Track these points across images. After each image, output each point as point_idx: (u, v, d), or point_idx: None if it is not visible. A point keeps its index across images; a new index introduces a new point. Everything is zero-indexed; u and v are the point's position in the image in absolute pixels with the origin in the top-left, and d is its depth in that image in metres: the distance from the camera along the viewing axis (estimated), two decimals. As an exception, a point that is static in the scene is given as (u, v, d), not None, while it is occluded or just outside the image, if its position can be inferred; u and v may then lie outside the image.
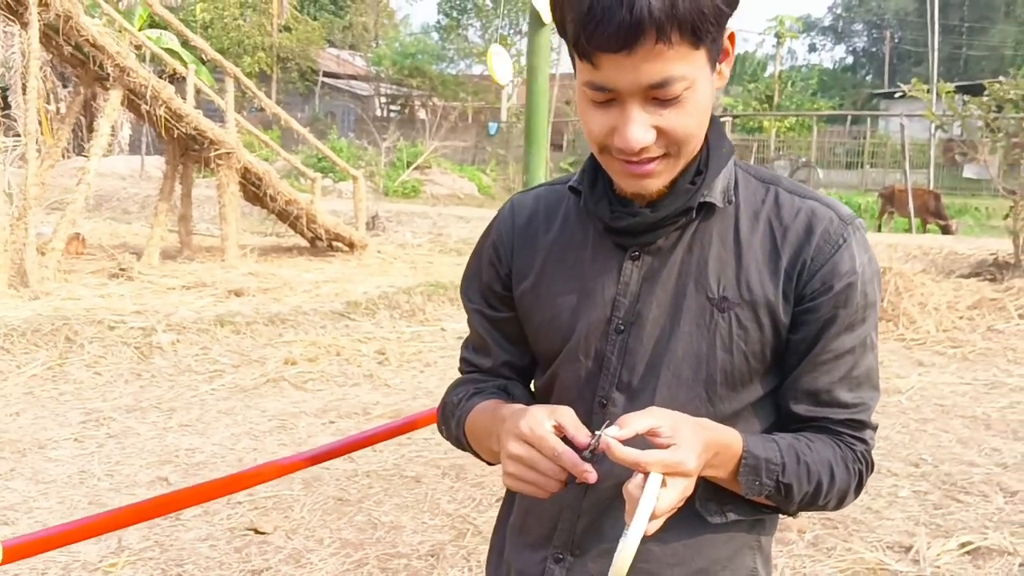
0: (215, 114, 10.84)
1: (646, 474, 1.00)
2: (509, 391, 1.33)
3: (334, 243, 11.41)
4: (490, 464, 1.34)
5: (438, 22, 32.44)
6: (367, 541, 3.75)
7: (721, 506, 1.18)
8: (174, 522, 3.83)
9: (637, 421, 1.03)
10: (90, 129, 16.44)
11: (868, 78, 49.74)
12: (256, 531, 3.80)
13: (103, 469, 4.42)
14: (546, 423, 1.07)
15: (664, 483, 1.01)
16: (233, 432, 5.02)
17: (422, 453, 4.80)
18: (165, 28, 19.73)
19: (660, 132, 1.07)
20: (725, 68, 1.13)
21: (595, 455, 1.05)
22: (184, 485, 4.26)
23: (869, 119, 27.07)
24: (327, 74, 31.20)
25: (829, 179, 23.07)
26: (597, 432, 1.06)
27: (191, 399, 5.56)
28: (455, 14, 32.03)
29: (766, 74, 39.75)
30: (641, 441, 1.03)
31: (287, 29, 29.02)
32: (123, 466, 4.48)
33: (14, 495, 4.09)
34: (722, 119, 25.47)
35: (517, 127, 26.49)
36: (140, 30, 19.64)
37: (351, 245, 11.32)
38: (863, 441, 1.22)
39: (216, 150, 9.72)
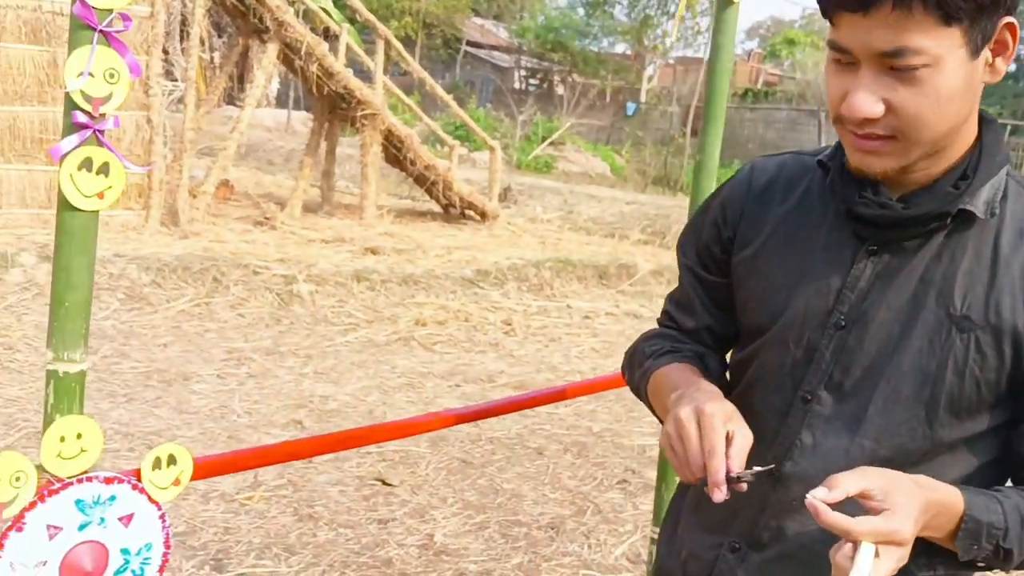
0: (362, 74, 11.08)
1: (856, 543, 0.92)
2: (705, 361, 1.28)
3: (466, 211, 11.52)
4: (660, 421, 1.27)
5: (583, -1, 32.24)
6: (488, 505, 3.79)
7: (930, 560, 1.10)
8: (307, 464, 3.96)
9: (848, 482, 0.95)
10: (241, 80, 17.11)
11: (1033, 85, 46.80)
12: (383, 482, 3.89)
13: (242, 406, 4.61)
14: (722, 426, 1.03)
15: (877, 553, 0.92)
16: (364, 384, 5.15)
17: (544, 426, 4.81)
18: (320, -12, 20.26)
19: (889, 108, 1.01)
20: (1000, 63, 1.04)
21: (738, 482, 1.02)
22: (317, 430, 4.40)
23: (1031, 129, 25.47)
24: (470, 43, 31.46)
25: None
26: (756, 467, 1.03)
27: (326, 348, 5.73)
28: (602, -9, 31.71)
29: None
30: (851, 503, 0.95)
31: (435, -5, 29.35)
32: (261, 405, 4.66)
33: (160, 422, 4.31)
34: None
35: (656, 109, 26.13)
36: (297, -12, 20.23)
37: (483, 215, 11.42)
38: None
39: (363, 110, 9.92)
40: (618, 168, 21.68)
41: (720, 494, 1.00)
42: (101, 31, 1.10)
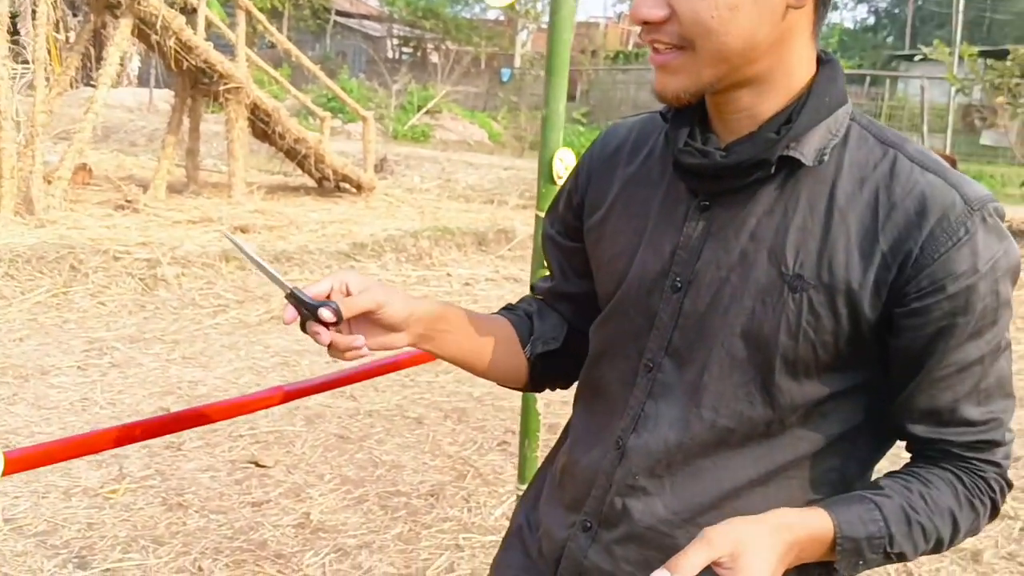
0: (225, 49, 10.69)
1: None
2: (531, 316, 1.27)
3: (341, 184, 11.32)
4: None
5: (454, -35, 31.93)
6: (367, 479, 3.75)
7: (826, 569, 1.03)
8: (175, 452, 3.83)
9: (691, 559, 0.88)
10: (98, 59, 16.27)
11: (889, 39, 48.96)
12: (257, 464, 3.80)
13: (105, 398, 4.42)
14: (322, 284, 1.04)
15: None
16: (236, 367, 5.02)
17: (424, 395, 4.79)
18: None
19: (673, 12, 0.95)
20: None
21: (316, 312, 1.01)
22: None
23: (888, 80, 26.73)
24: (339, 13, 30.78)
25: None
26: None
27: (194, 332, 5.55)
28: (471, -43, 31.50)
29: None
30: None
31: (300, -35, 28.55)
32: (125, 395, 4.48)
33: (16, 419, 4.10)
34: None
35: (530, 74, 26.18)
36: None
37: (359, 187, 11.24)
38: (995, 464, 1.03)
39: (225, 84, 9.60)
40: (495, 135, 21.69)
41: (321, 336, 1.03)
42: None
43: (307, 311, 1.01)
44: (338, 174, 11.09)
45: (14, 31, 14.73)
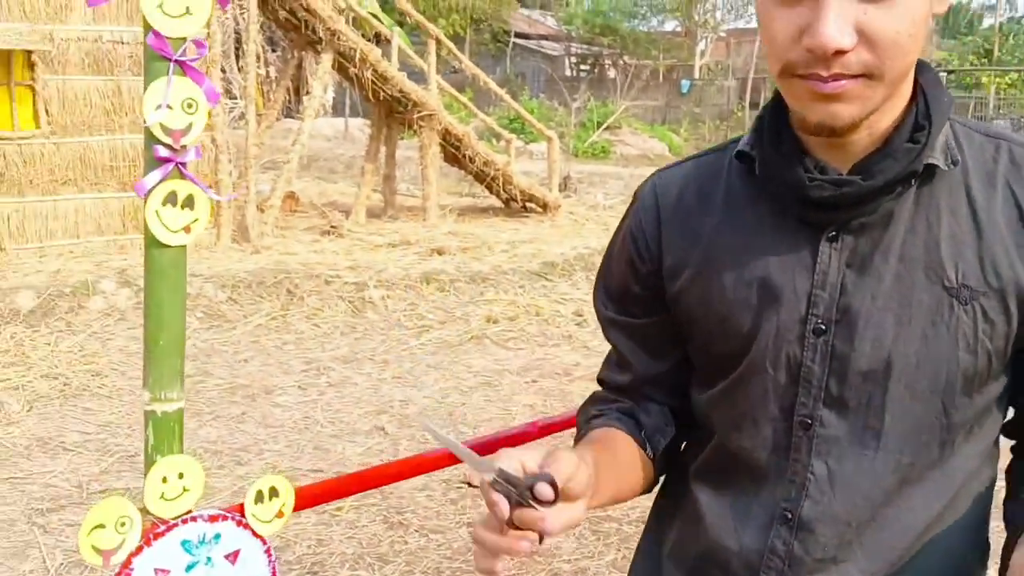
0: (414, 76, 11.11)
1: None
2: (635, 415, 1.12)
3: (528, 204, 11.49)
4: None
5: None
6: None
7: None
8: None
9: None
10: (298, 92, 17.33)
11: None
12: (469, 484, 3.87)
13: (325, 416, 4.65)
14: (490, 471, 0.83)
15: None
16: (442, 386, 5.16)
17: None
18: (367, -7, 20.40)
19: (862, 37, 0.84)
20: None
21: (536, 500, 0.80)
22: (400, 435, 4.41)
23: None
24: (518, 35, 31.37)
25: (1057, 139, 21.06)
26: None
27: (402, 352, 5.75)
28: (648, -30, 31.34)
29: (983, 26, 36.69)
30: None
31: (480, -9, 29.34)
32: (343, 414, 4.69)
33: (246, 437, 4.37)
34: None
35: (712, 85, 25.72)
36: (344, -4, 20.40)
37: (544, 206, 11.37)
38: None
39: (419, 112, 9.95)
40: (676, 147, 21.41)
41: (525, 545, 0.82)
42: (176, 61, 1.08)
43: (516, 491, 0.81)
44: (524, 194, 11.26)
45: (221, 68, 15.96)
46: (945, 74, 23.92)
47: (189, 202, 1.09)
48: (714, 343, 1.04)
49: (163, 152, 1.07)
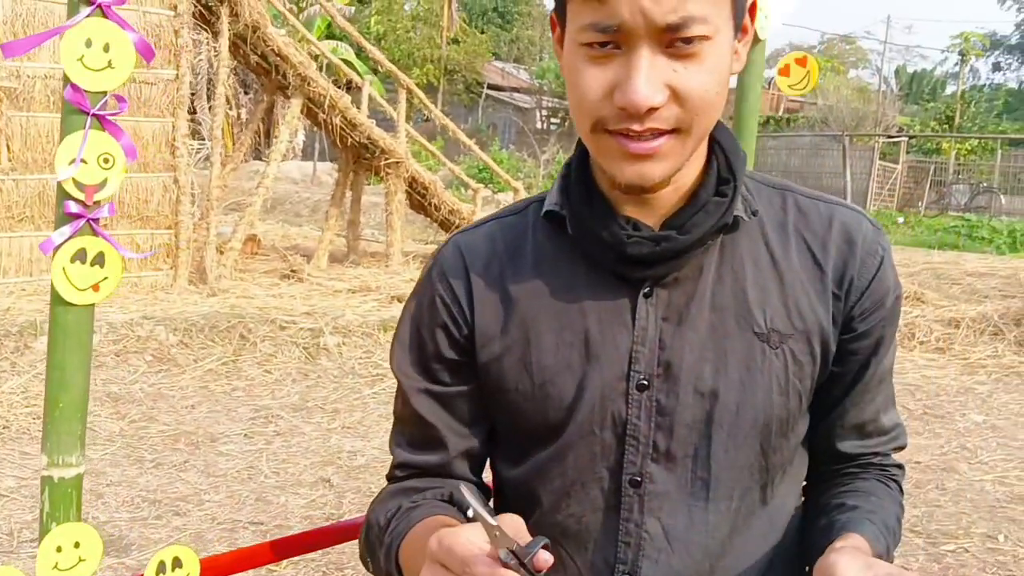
0: (385, 123, 11.14)
1: None
2: (455, 499, 1.03)
3: (493, 254, 11.50)
4: None
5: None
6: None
7: None
8: (331, 519, 3.88)
9: None
10: (268, 134, 17.33)
11: (1060, 100, 46.37)
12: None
13: (270, 466, 4.55)
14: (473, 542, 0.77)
15: None
16: (393, 439, 5.08)
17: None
18: (342, 39, 20.56)
19: (673, 93, 0.85)
20: (743, 49, 0.93)
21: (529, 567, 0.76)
22: (346, 488, 4.33)
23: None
24: (491, 86, 31.72)
25: (1013, 206, 21.57)
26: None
27: (354, 402, 5.68)
28: (620, 29, 31.95)
29: (945, 93, 37.72)
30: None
31: (455, 42, 29.69)
32: (288, 464, 4.60)
33: (186, 486, 4.26)
34: (898, 139, 24.18)
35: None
36: (318, 40, 20.54)
37: (509, 257, 11.39)
38: (900, 467, 1.10)
39: (386, 159, 9.98)
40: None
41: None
42: (94, 115, 1.05)
43: (518, 559, 0.77)
44: (489, 244, 11.28)
45: (191, 109, 15.91)
46: (907, 139, 24.49)
47: (100, 260, 1.06)
48: (532, 412, 1.00)
49: (74, 208, 1.04)
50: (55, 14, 7.42)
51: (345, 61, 19.20)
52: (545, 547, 0.77)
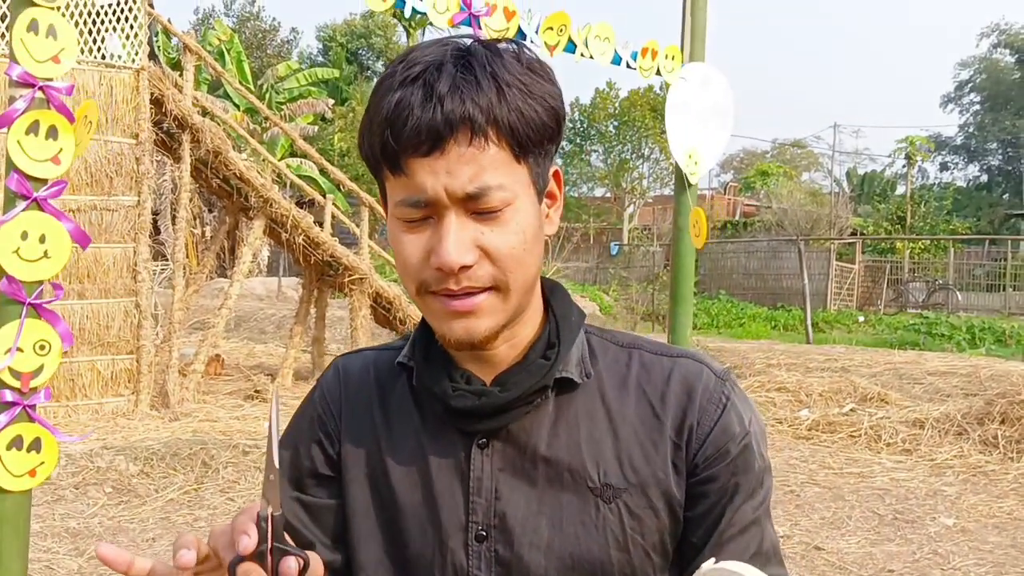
0: (348, 236, 11.25)
1: None
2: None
3: (459, 366, 11.50)
4: None
5: (562, 148, 33.35)
6: None
7: None
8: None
9: None
10: (232, 252, 17.39)
11: (1005, 197, 47.98)
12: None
13: (231, 603, 4.41)
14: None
15: None
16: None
17: None
18: (305, 157, 20.90)
19: (483, 253, 0.94)
20: (554, 213, 1.02)
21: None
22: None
23: (1010, 241, 25.94)
24: (454, 197, 32.27)
25: (969, 302, 22.04)
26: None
27: (318, 530, 5.56)
28: (579, 140, 32.82)
29: (896, 193, 38.87)
30: None
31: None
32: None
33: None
34: (851, 241, 24.73)
35: (639, 248, 26.53)
36: (281, 159, 20.86)
37: (476, 368, 11.39)
38: None
39: (350, 275, 10.03)
40: (607, 307, 21.81)
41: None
42: (30, 304, 1.07)
43: (267, 543, 0.78)
44: (455, 357, 11.29)
45: (155, 229, 15.99)
46: (861, 240, 25.09)
47: (36, 445, 1.05)
48: (374, 544, 1.04)
49: (10, 396, 1.04)
50: None
51: (309, 178, 19.49)
52: (303, 564, 0.77)
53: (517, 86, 0.92)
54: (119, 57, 8.05)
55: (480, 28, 2.32)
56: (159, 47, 20.30)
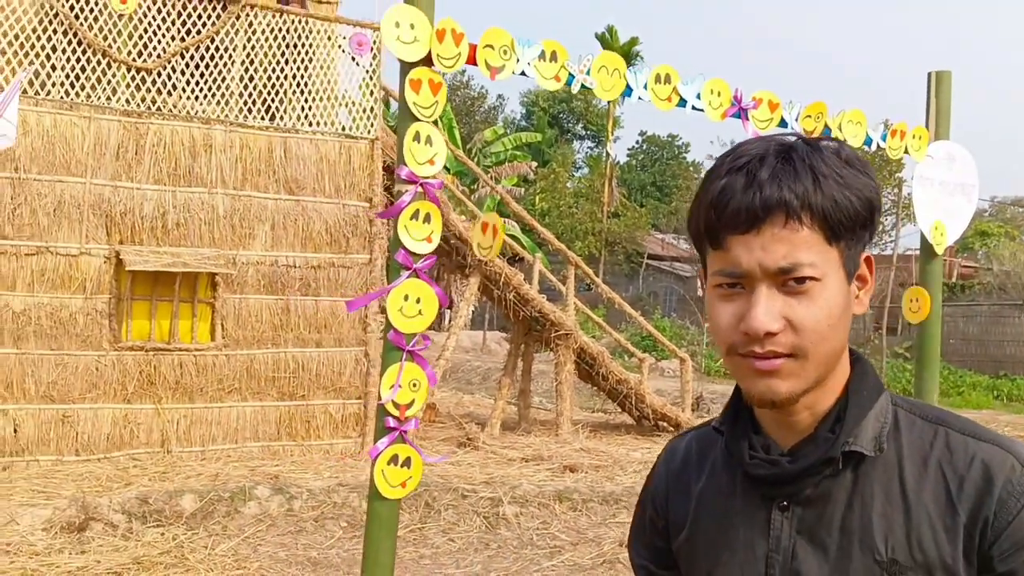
0: (551, 293, 11.68)
1: None
2: None
3: (660, 422, 11.56)
4: None
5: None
6: None
7: None
8: None
9: None
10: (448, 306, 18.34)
11: None
12: None
13: (459, 635, 4.73)
14: None
15: None
16: (574, 611, 5.17)
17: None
18: (509, 216, 21.75)
19: (789, 324, 1.03)
20: (864, 295, 1.10)
21: None
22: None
23: None
24: (651, 256, 32.34)
25: None
26: None
27: (534, 573, 5.82)
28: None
29: None
30: None
31: (616, 215, 30.71)
32: (476, 634, 4.76)
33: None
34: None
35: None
36: (488, 218, 21.75)
37: (677, 426, 11.39)
38: None
39: (557, 331, 10.40)
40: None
41: None
42: (408, 351, 1.40)
43: None
44: (657, 413, 11.37)
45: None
46: None
47: (407, 462, 1.37)
48: None
49: (391, 422, 1.36)
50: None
51: (512, 236, 20.23)
52: None
53: (833, 177, 1.04)
54: (353, 128, 8.88)
55: (748, 120, 2.57)
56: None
